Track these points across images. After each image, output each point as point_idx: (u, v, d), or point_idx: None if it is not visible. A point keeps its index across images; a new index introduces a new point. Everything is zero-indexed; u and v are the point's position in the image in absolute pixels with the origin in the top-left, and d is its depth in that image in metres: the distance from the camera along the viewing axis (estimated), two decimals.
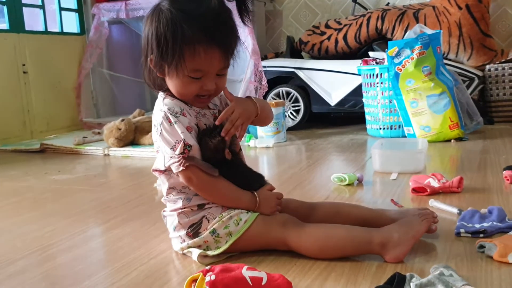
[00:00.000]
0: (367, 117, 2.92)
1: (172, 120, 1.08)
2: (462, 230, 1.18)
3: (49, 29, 3.58)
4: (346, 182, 1.73)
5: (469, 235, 1.17)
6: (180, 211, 1.13)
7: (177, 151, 1.06)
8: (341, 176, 1.75)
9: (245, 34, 3.14)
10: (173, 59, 1.04)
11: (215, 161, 1.11)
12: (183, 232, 1.13)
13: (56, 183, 2.07)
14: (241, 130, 1.13)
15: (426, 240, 1.18)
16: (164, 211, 1.19)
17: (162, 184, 1.17)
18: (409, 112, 2.59)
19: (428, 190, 1.56)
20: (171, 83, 1.10)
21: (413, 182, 1.62)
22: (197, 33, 1.02)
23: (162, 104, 1.12)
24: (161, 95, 1.16)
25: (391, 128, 2.77)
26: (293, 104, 3.32)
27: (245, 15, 1.11)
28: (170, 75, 1.08)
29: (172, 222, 1.15)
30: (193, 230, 1.12)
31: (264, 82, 3.15)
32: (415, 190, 1.58)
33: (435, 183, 1.60)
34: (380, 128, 2.81)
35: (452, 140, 2.54)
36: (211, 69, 1.07)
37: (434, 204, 1.43)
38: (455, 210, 1.36)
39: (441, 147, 2.45)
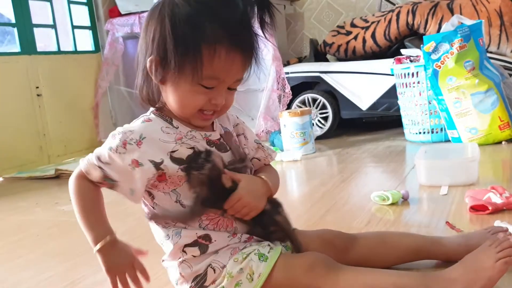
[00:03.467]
0: (404, 121, 2.65)
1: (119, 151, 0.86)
2: None
3: (62, 49, 3.45)
4: (390, 202, 1.48)
5: None
6: (181, 260, 0.91)
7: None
8: (383, 194, 1.50)
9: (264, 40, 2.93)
10: (187, 61, 0.84)
11: (217, 195, 0.88)
12: (186, 287, 0.91)
13: (65, 215, 1.89)
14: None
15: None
16: (163, 260, 0.97)
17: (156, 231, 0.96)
18: (452, 113, 2.31)
19: (490, 208, 1.30)
20: (173, 93, 0.88)
21: (470, 199, 1.36)
22: (220, 32, 0.84)
23: (129, 123, 0.92)
24: (143, 115, 0.94)
25: (432, 132, 2.49)
26: (320, 111, 3.08)
27: (266, 23, 0.89)
28: (175, 82, 0.86)
29: (174, 274, 0.93)
30: (198, 284, 0.90)
31: (288, 89, 2.94)
32: (474, 209, 1.33)
33: (497, 199, 1.34)
34: (420, 133, 2.54)
35: (503, 142, 2.26)
36: (227, 78, 0.88)
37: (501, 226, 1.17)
38: None
39: (491, 151, 2.17)
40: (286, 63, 3.35)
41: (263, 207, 0.93)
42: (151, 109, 0.95)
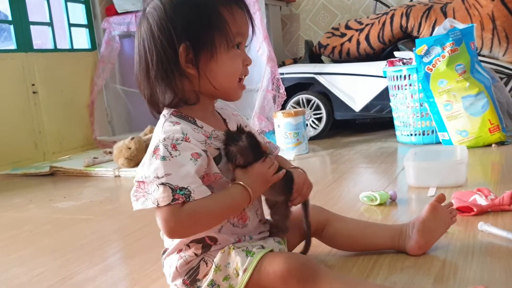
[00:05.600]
0: (396, 123, 2.68)
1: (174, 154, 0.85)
2: None
3: (58, 46, 3.46)
4: (377, 202, 1.51)
5: None
6: (181, 254, 0.92)
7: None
8: (371, 195, 1.53)
9: (260, 40, 2.96)
10: (215, 29, 0.88)
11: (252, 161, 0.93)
12: (179, 281, 0.93)
13: (59, 212, 1.91)
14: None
15: (482, 277, 0.96)
16: (164, 252, 0.98)
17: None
18: (443, 115, 2.34)
19: (475, 209, 1.33)
20: (213, 71, 0.90)
21: (456, 200, 1.38)
22: None
23: (160, 131, 0.89)
24: (164, 115, 0.93)
25: (423, 134, 2.52)
26: (314, 112, 3.10)
27: None
28: (212, 58, 0.89)
29: (170, 267, 0.94)
30: (191, 277, 0.91)
31: (282, 90, 2.96)
32: (460, 210, 1.35)
33: (482, 201, 1.37)
34: (411, 134, 2.57)
35: (493, 145, 2.29)
36: (246, 33, 0.94)
37: (485, 228, 1.20)
38: (511, 236, 1.13)
39: (481, 153, 2.20)
40: (282, 64, 3.38)
41: None
42: (167, 110, 0.93)
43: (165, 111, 0.93)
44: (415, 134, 2.55)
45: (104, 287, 1.12)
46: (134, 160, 2.51)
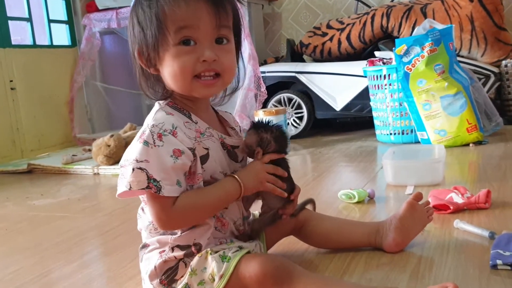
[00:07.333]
0: (376, 122, 2.70)
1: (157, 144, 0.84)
2: (499, 262, 0.97)
3: (38, 43, 3.41)
4: (356, 200, 1.52)
5: (509, 267, 0.96)
6: (162, 254, 0.90)
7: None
8: (349, 193, 1.54)
9: (242, 38, 2.95)
10: (155, 27, 0.84)
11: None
12: (156, 281, 0.90)
13: (35, 210, 1.88)
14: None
15: (457, 273, 0.97)
16: (143, 247, 0.95)
17: (143, 216, 0.95)
18: (421, 115, 2.37)
19: (451, 207, 1.34)
20: (164, 71, 0.87)
21: (433, 199, 1.40)
22: None
23: (151, 118, 0.88)
24: (159, 103, 0.92)
25: (402, 133, 2.55)
26: (295, 111, 3.11)
27: None
28: (161, 59, 0.86)
29: (149, 263, 0.92)
30: (168, 277, 0.90)
31: (263, 88, 2.95)
32: (436, 208, 1.36)
33: (458, 199, 1.39)
34: (391, 134, 2.59)
35: (471, 144, 2.32)
36: (202, 26, 0.84)
37: (460, 225, 1.22)
38: (486, 233, 1.14)
39: (459, 152, 2.23)
40: (263, 62, 3.38)
41: None
42: (162, 102, 0.92)
43: (158, 103, 0.93)
44: (394, 133, 2.57)
45: (79, 285, 1.11)
46: (113, 158, 2.48)
